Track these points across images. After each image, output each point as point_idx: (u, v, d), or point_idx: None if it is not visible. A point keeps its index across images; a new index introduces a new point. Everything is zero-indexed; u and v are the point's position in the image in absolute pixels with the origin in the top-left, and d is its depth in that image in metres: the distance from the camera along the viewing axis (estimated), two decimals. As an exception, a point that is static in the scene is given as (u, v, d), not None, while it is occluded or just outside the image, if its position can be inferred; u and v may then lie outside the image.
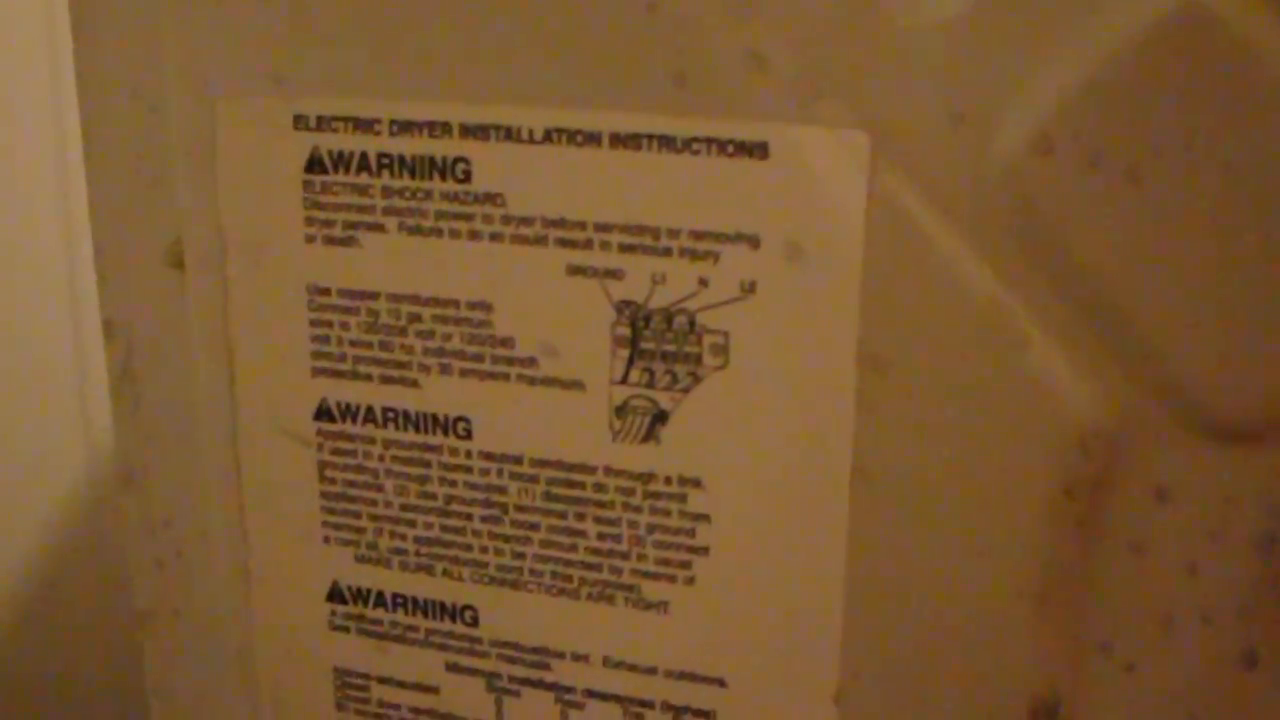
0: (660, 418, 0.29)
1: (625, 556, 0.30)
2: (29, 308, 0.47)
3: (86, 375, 0.44)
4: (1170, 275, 0.25)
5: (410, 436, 0.31)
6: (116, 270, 0.33)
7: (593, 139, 0.28)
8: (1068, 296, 0.26)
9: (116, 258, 0.33)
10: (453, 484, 0.31)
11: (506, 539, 0.31)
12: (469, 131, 0.28)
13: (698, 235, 0.27)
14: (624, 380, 0.29)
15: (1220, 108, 0.24)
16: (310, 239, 0.30)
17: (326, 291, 0.30)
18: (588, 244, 0.28)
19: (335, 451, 0.31)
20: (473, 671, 0.32)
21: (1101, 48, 0.25)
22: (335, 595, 0.32)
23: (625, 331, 0.28)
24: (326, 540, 0.32)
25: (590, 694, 0.31)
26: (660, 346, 0.28)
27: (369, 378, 0.30)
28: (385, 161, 0.29)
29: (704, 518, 0.29)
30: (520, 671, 0.31)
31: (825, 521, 0.28)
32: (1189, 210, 0.25)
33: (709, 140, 0.27)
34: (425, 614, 0.32)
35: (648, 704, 0.30)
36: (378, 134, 0.29)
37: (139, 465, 0.34)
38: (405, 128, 0.29)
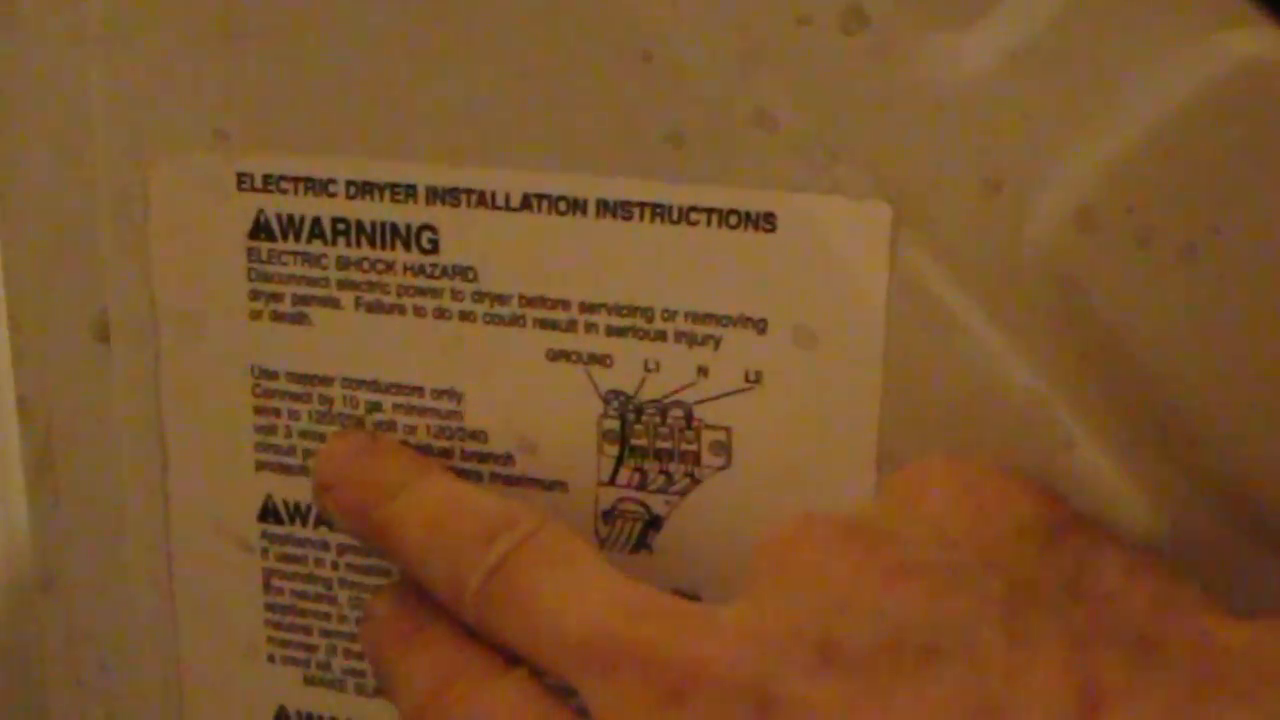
0: (653, 524, 0.29)
1: (613, 680, 0.30)
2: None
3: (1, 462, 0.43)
4: (1231, 367, 0.25)
5: (367, 542, 0.31)
6: (34, 343, 0.33)
7: (577, 207, 0.28)
8: (1115, 390, 0.26)
9: (34, 328, 0.32)
10: (416, 596, 0.30)
11: (477, 659, 0.30)
12: (437, 196, 0.28)
13: (696, 317, 0.28)
14: (612, 481, 0.29)
15: (1287, 178, 0.24)
16: (255, 314, 0.30)
17: (273, 374, 0.30)
18: (571, 326, 0.28)
19: (282, 558, 0.31)
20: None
21: (1153, 109, 0.25)
22: (281, 721, 0.32)
23: (614, 426, 0.28)
24: (271, 659, 0.32)
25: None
26: (653, 443, 0.28)
27: None
28: (341, 228, 0.29)
29: (703, 638, 0.29)
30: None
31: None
32: (1251, 294, 0.25)
33: (709, 210, 0.27)
34: (384, 744, 0.32)
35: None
36: (333, 196, 0.29)
37: (58, 568, 0.33)
38: (364, 190, 0.29)
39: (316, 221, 0.29)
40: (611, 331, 0.28)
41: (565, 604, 0.25)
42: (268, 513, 0.31)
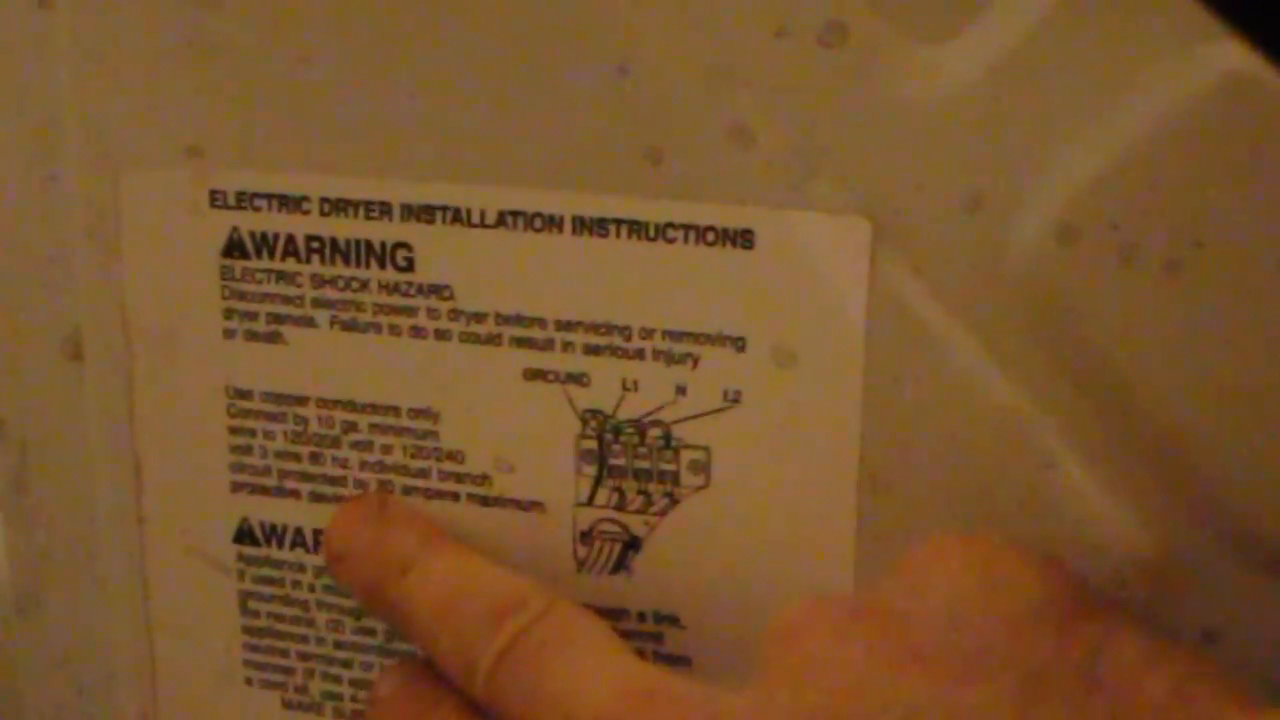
0: (632, 545, 0.29)
1: (593, 703, 0.30)
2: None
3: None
4: (1217, 384, 0.25)
5: (345, 564, 0.30)
6: (8, 362, 0.32)
7: (553, 224, 0.28)
8: (1098, 408, 0.26)
9: (8, 347, 0.32)
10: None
11: (456, 682, 0.30)
12: (411, 213, 0.28)
13: (674, 336, 0.28)
14: (590, 501, 0.29)
15: (1272, 190, 0.24)
16: (229, 333, 0.30)
17: (248, 394, 0.30)
18: (548, 344, 0.28)
19: (259, 580, 0.31)
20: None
21: (1135, 124, 0.25)
22: (259, 746, 0.32)
23: (592, 445, 0.28)
24: (249, 682, 0.32)
25: None
26: (632, 463, 0.28)
27: (297, 495, 0.30)
28: (315, 246, 0.29)
29: (683, 660, 0.29)
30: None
31: (823, 663, 0.28)
32: (1235, 308, 0.25)
33: (687, 227, 0.27)
34: (362, 769, 0.32)
35: None
36: (306, 214, 0.29)
37: (33, 590, 0.33)
38: (338, 207, 0.29)
39: (290, 239, 0.29)
40: (589, 350, 0.28)
41: (575, 688, 0.25)
42: (244, 534, 0.31)
